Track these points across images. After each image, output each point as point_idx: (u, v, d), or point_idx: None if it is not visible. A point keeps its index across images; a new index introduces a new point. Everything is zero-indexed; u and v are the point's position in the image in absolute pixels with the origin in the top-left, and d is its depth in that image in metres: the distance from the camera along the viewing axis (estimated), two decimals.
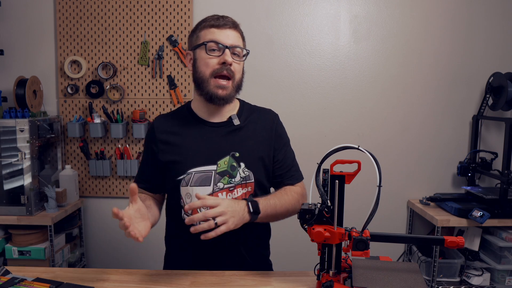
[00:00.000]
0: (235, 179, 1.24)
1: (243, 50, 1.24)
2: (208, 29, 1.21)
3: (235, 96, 1.27)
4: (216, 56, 1.20)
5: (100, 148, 2.44)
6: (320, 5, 2.38)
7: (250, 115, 1.33)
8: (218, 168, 1.23)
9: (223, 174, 1.23)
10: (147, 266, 2.53)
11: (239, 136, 1.27)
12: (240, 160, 1.25)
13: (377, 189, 0.92)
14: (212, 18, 1.23)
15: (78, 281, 1.10)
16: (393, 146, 2.46)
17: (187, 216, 1.23)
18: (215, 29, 1.20)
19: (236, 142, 1.26)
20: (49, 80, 2.45)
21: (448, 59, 2.40)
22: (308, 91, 2.43)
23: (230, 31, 1.22)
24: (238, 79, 1.24)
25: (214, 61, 1.20)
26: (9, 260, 2.14)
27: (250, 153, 1.26)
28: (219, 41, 1.19)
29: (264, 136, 1.31)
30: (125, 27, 2.39)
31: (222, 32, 1.20)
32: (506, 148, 2.08)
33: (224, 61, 1.18)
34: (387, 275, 0.98)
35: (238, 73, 1.24)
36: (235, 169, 1.24)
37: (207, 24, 1.22)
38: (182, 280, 1.13)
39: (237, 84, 1.25)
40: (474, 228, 2.22)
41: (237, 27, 1.25)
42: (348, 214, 1.09)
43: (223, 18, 1.22)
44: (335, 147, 1.02)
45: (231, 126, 1.28)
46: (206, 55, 1.20)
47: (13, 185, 2.17)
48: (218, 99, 1.21)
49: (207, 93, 1.22)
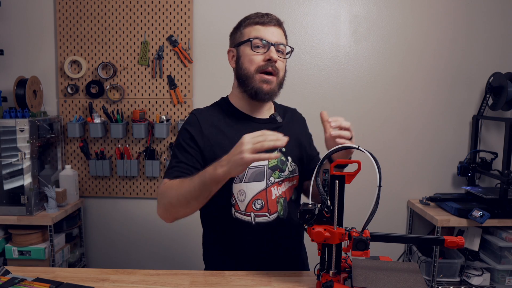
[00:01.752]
0: (284, 173, 1.26)
1: (287, 47, 1.26)
2: (252, 26, 1.22)
3: (278, 93, 1.27)
4: (261, 53, 1.20)
5: (100, 148, 2.44)
6: (320, 5, 2.38)
7: (285, 114, 1.37)
8: (270, 163, 1.24)
9: (274, 169, 1.25)
10: (147, 266, 2.54)
11: (283, 132, 1.21)
12: (287, 155, 1.27)
13: (377, 189, 0.92)
14: (257, 16, 1.23)
15: (78, 281, 1.10)
16: (393, 146, 2.46)
17: (240, 214, 1.22)
18: (260, 26, 1.21)
19: None
20: (49, 80, 2.45)
21: (448, 59, 2.40)
22: (308, 91, 2.43)
23: (275, 29, 1.22)
24: (281, 77, 1.26)
25: (259, 57, 1.20)
26: (9, 260, 2.14)
27: (294, 148, 1.30)
28: (264, 38, 1.20)
29: (301, 134, 1.37)
30: (125, 27, 2.39)
31: (267, 29, 1.21)
32: (506, 148, 2.08)
33: (270, 58, 1.19)
34: (387, 275, 0.98)
35: (282, 71, 1.25)
36: (284, 163, 1.26)
37: (251, 21, 1.23)
38: (182, 280, 1.13)
39: (281, 81, 1.26)
40: (474, 228, 2.22)
41: (281, 24, 1.26)
42: (348, 214, 1.09)
43: (268, 16, 1.23)
44: (335, 147, 1.02)
45: (275, 123, 1.30)
46: (251, 51, 1.21)
47: (13, 185, 2.17)
48: (263, 94, 1.22)
49: (252, 88, 1.22)
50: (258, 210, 1.22)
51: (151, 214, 2.50)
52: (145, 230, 2.53)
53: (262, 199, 1.23)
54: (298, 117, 1.44)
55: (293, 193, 1.29)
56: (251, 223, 1.22)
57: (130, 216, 2.53)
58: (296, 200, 1.32)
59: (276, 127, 1.28)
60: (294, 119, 1.40)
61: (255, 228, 1.22)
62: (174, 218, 1.17)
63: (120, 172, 2.42)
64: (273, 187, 1.24)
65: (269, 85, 1.22)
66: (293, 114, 1.42)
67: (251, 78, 1.21)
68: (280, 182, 1.26)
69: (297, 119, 1.42)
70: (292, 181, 1.29)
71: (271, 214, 1.23)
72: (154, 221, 2.49)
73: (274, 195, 1.24)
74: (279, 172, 1.25)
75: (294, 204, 1.30)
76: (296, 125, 1.39)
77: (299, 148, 1.32)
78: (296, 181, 1.30)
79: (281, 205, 1.25)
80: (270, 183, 1.24)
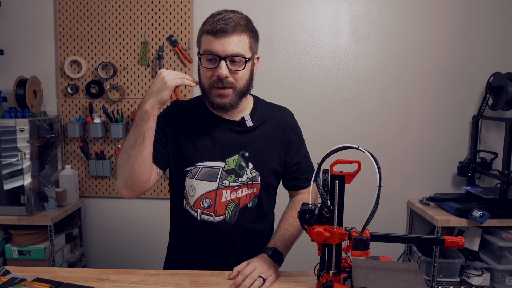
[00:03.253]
0: (241, 179, 1.24)
1: (244, 58, 1.14)
2: (205, 35, 1.14)
3: (240, 101, 1.20)
4: (212, 68, 1.13)
5: (100, 148, 2.44)
6: (320, 5, 2.38)
7: (264, 114, 1.29)
8: (226, 166, 1.23)
9: (230, 172, 1.23)
10: (147, 266, 2.53)
11: (251, 136, 1.26)
12: (249, 160, 1.24)
13: (377, 189, 0.92)
14: (212, 21, 1.12)
15: (78, 281, 1.10)
16: (393, 146, 2.46)
17: (189, 207, 1.26)
18: (211, 37, 1.12)
19: (247, 142, 1.24)
20: (49, 80, 2.45)
21: (448, 59, 2.40)
22: (308, 91, 2.43)
23: (227, 39, 1.10)
24: (241, 86, 1.17)
25: (210, 73, 1.15)
26: (9, 260, 2.14)
27: (260, 155, 1.25)
28: (214, 51, 1.11)
29: (277, 138, 1.27)
30: (125, 27, 2.39)
31: (218, 41, 1.11)
32: (506, 148, 2.08)
33: (218, 75, 1.13)
34: (387, 275, 0.98)
35: (241, 80, 1.16)
36: (242, 168, 1.24)
37: (205, 28, 1.14)
38: (182, 280, 1.13)
39: (241, 90, 1.18)
40: (474, 228, 2.22)
41: (236, 29, 1.12)
42: (348, 214, 1.09)
43: (222, 20, 1.11)
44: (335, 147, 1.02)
45: (243, 126, 1.25)
46: (203, 67, 1.16)
47: (13, 185, 2.17)
48: (220, 107, 1.18)
49: (209, 102, 1.19)
50: (205, 208, 1.24)
51: (151, 214, 2.50)
52: (145, 230, 2.53)
53: (210, 199, 1.23)
54: (281, 119, 1.30)
55: (251, 200, 1.26)
56: (196, 218, 1.25)
57: (130, 216, 2.53)
58: (256, 208, 1.28)
59: (244, 130, 1.25)
60: (273, 121, 1.28)
61: (200, 224, 1.25)
62: (127, 186, 1.17)
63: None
64: (225, 190, 1.23)
65: (224, 98, 1.16)
66: (275, 115, 1.30)
67: (207, 92, 1.18)
68: (237, 187, 1.23)
69: (277, 121, 1.29)
70: (252, 188, 1.25)
71: (216, 215, 1.23)
72: (154, 221, 2.50)
73: (225, 198, 1.23)
74: (235, 177, 1.23)
75: (250, 212, 1.27)
76: (272, 127, 1.28)
77: (268, 154, 1.26)
78: (256, 189, 1.26)
79: (230, 210, 1.24)
80: (223, 185, 1.22)
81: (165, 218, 1.42)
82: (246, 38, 1.15)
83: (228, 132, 1.25)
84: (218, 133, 1.24)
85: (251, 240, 1.30)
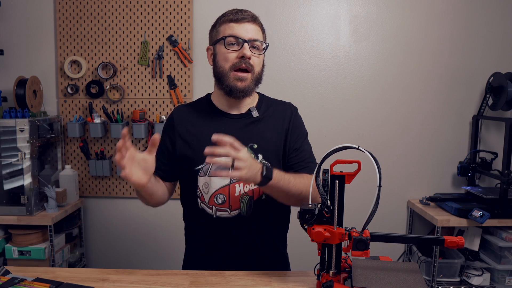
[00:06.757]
0: None
1: (263, 43, 1.25)
2: (227, 23, 1.23)
3: (254, 89, 1.28)
4: (235, 50, 1.21)
5: (100, 148, 2.44)
6: (320, 5, 2.39)
7: (268, 108, 1.34)
8: None
9: None
10: (147, 266, 2.54)
11: (258, 128, 1.28)
12: (258, 152, 1.26)
13: (377, 189, 0.92)
14: (231, 13, 1.24)
15: (78, 281, 1.10)
16: (393, 146, 2.46)
17: (204, 205, 1.26)
18: (234, 24, 1.22)
19: (254, 134, 1.26)
20: (49, 80, 2.45)
21: (448, 59, 2.40)
22: (308, 91, 2.43)
23: (249, 25, 1.23)
24: (257, 72, 1.25)
25: (233, 55, 1.21)
26: (9, 260, 2.14)
27: (268, 145, 1.27)
28: (238, 35, 1.21)
29: (281, 129, 1.31)
30: (125, 27, 2.39)
31: (241, 26, 1.22)
32: (506, 148, 2.08)
33: (243, 55, 1.20)
34: (387, 275, 0.98)
35: (258, 66, 1.25)
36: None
37: (226, 19, 1.24)
38: (182, 280, 1.13)
39: (257, 77, 1.25)
40: (474, 228, 2.22)
41: (256, 20, 1.25)
42: (348, 214, 1.08)
43: (242, 12, 1.24)
44: (335, 147, 1.02)
45: (250, 118, 1.29)
46: (225, 49, 1.21)
47: (13, 185, 2.17)
48: (238, 91, 1.22)
49: (227, 86, 1.23)
50: (219, 204, 1.24)
51: (151, 214, 2.49)
52: (145, 230, 2.53)
53: (224, 194, 1.24)
54: (285, 111, 1.34)
55: (264, 192, 1.26)
56: (212, 216, 1.25)
57: (130, 216, 2.53)
58: (270, 199, 1.25)
59: (251, 122, 1.28)
60: (277, 113, 1.32)
61: (216, 221, 1.25)
62: (150, 207, 1.34)
63: (120, 172, 2.41)
64: (239, 184, 1.24)
65: (244, 82, 1.22)
66: (279, 108, 1.35)
67: (226, 76, 1.23)
68: None
69: (279, 114, 1.33)
70: None
71: (232, 210, 1.24)
72: (154, 221, 2.49)
73: (238, 192, 1.24)
74: None
75: (264, 203, 1.27)
76: (277, 119, 1.31)
77: (275, 144, 1.28)
78: None
79: (245, 203, 1.24)
80: (235, 179, 1.23)
81: (165, 218, 1.43)
82: (260, 30, 1.27)
83: (235, 126, 1.27)
84: (225, 128, 1.25)
85: (268, 232, 1.31)
